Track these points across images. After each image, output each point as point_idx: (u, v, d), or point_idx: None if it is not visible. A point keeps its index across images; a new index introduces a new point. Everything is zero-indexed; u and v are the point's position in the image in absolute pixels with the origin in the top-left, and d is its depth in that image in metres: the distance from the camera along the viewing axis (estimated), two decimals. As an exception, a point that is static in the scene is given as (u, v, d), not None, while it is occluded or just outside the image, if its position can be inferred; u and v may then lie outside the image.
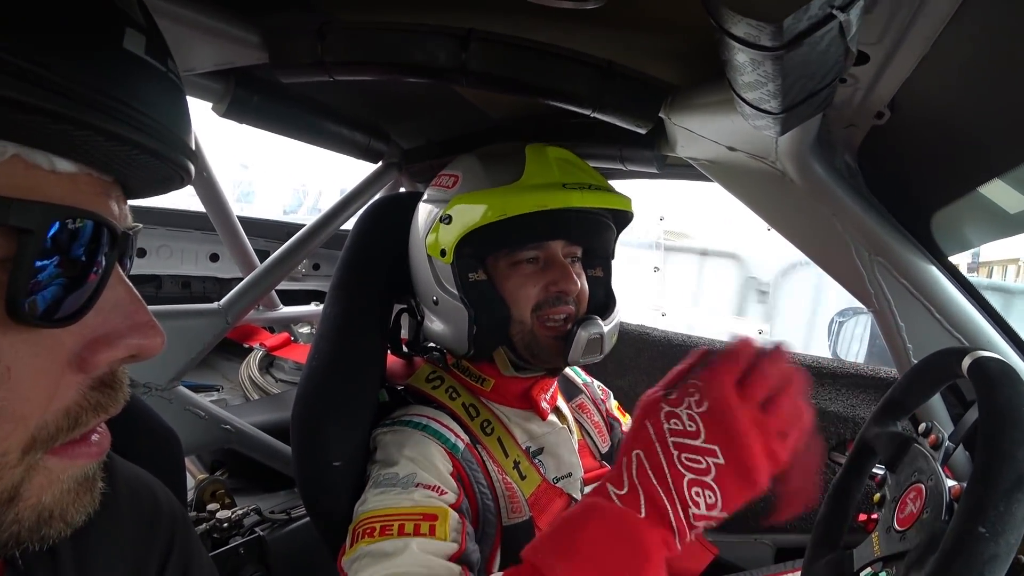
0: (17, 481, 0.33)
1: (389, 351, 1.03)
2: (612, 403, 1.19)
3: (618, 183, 1.35)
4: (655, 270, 4.47)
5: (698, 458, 0.52)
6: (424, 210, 0.96)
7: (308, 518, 1.18)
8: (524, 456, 0.93)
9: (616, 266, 1.05)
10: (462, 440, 0.87)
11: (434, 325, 0.95)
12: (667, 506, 0.52)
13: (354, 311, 0.99)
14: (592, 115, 0.89)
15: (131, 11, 0.35)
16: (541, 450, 0.96)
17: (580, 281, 0.93)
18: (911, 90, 0.69)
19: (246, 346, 2.16)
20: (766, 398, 0.55)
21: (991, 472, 0.52)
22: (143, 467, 0.57)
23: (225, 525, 1.03)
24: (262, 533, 1.06)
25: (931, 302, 0.96)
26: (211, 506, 1.07)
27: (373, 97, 1.23)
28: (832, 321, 2.69)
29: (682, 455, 0.53)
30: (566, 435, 1.01)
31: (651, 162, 1.11)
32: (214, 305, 1.13)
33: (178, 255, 2.03)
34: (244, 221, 1.44)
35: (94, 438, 0.38)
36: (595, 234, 0.96)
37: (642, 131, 0.91)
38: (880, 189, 0.94)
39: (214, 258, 2.06)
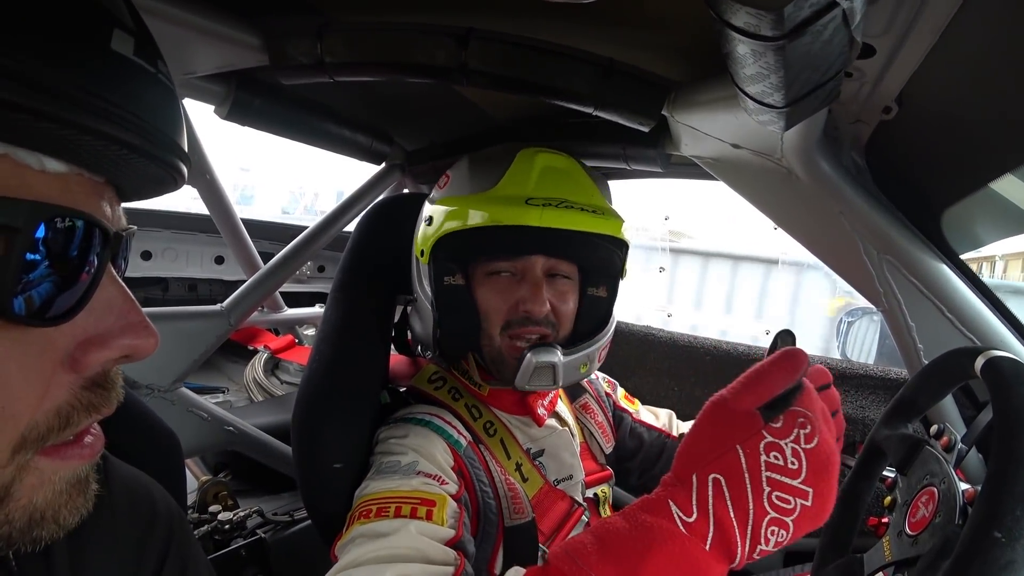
0: (8, 481, 0.33)
1: (393, 350, 1.03)
2: (620, 392, 1.18)
3: (623, 183, 1.35)
4: (660, 271, 4.45)
5: (788, 499, 0.47)
6: (422, 211, 0.97)
7: (308, 522, 1.18)
8: (526, 458, 0.92)
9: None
10: (464, 437, 0.87)
11: (413, 321, 0.99)
12: (737, 543, 0.47)
13: (354, 313, 0.98)
14: (594, 114, 0.88)
15: (119, 14, 0.35)
16: (542, 452, 0.96)
17: (565, 302, 0.89)
18: (919, 84, 0.68)
19: (251, 348, 2.17)
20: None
21: (1007, 476, 0.51)
22: (142, 469, 0.57)
23: (227, 527, 1.03)
24: (264, 535, 1.05)
25: (942, 301, 0.95)
26: (213, 508, 1.06)
27: (375, 99, 1.23)
28: (841, 321, 2.66)
29: (774, 493, 0.47)
30: (567, 437, 1.00)
31: (655, 161, 1.10)
32: (217, 307, 1.13)
33: (183, 258, 2.04)
34: (248, 223, 1.44)
35: (87, 439, 0.38)
36: (584, 253, 0.90)
37: (645, 129, 0.89)
38: (888, 186, 0.93)
39: (219, 260, 2.06)
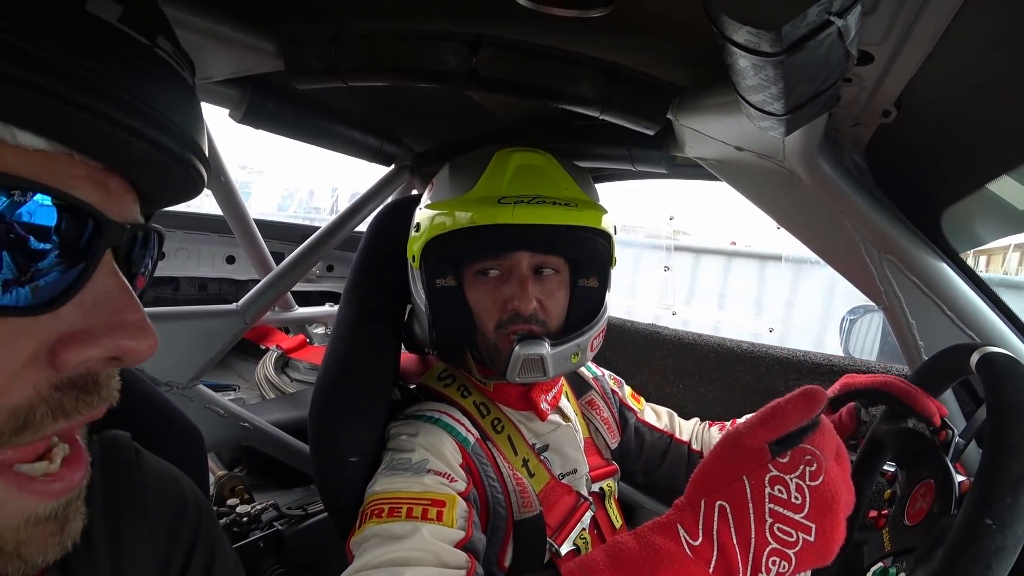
0: None
1: (403, 348, 1.06)
2: (626, 391, 1.20)
3: (627, 183, 1.37)
4: (665, 269, 4.48)
5: (791, 531, 0.49)
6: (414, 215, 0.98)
7: (324, 514, 1.21)
8: (532, 453, 0.94)
9: (626, 266, 1.05)
10: (472, 434, 0.89)
11: (413, 324, 1.01)
12: (739, 569, 0.50)
13: (368, 312, 1.01)
14: (600, 117, 0.90)
15: None
16: (547, 447, 0.98)
17: (551, 298, 0.90)
18: (917, 88, 0.70)
19: (262, 347, 2.20)
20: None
21: (998, 465, 0.52)
22: (169, 462, 0.59)
23: (245, 519, 1.06)
24: (280, 527, 1.08)
25: (942, 299, 0.96)
26: (231, 501, 1.09)
27: (385, 102, 1.25)
28: (843, 319, 2.68)
29: (776, 525, 0.49)
30: (571, 433, 1.02)
31: (660, 162, 1.12)
32: (232, 306, 1.16)
33: (195, 257, 2.07)
34: (259, 224, 1.47)
35: (66, 476, 0.34)
36: (566, 245, 0.90)
37: (650, 132, 0.91)
38: (889, 187, 0.95)
39: (230, 260, 2.10)
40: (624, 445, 1.14)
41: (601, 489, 1.04)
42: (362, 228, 1.34)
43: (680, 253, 4.48)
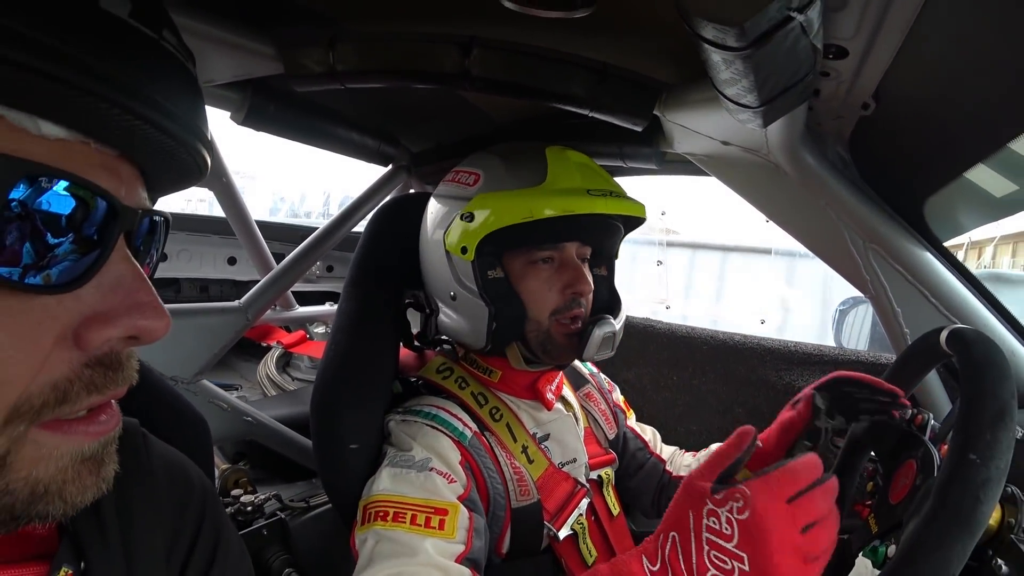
0: (3, 451, 0.33)
1: (402, 345, 1.08)
2: (617, 396, 1.23)
3: (619, 180, 1.39)
4: (658, 264, 4.51)
5: (725, 559, 0.56)
6: (437, 207, 0.98)
7: (325, 506, 1.24)
8: (532, 441, 0.97)
9: (620, 261, 1.08)
10: (470, 428, 0.91)
11: (450, 320, 0.97)
12: None
13: (368, 306, 1.04)
14: (590, 115, 0.93)
15: None
16: (547, 436, 1.00)
17: (591, 283, 0.96)
18: (893, 81, 0.72)
19: (264, 344, 2.23)
20: (809, 524, 0.56)
21: (976, 407, 0.57)
22: (176, 449, 0.61)
23: (249, 508, 1.09)
24: (284, 517, 1.11)
25: (926, 286, 0.99)
26: (235, 492, 1.12)
27: (382, 103, 1.28)
28: (836, 311, 2.74)
29: (711, 552, 0.57)
30: (571, 423, 1.05)
31: (650, 158, 1.14)
32: (235, 303, 1.18)
33: (197, 259, 2.10)
34: (260, 225, 1.49)
35: (102, 417, 0.38)
36: (607, 237, 1.00)
37: (638, 129, 0.94)
38: (873, 178, 0.97)
39: (231, 261, 2.12)
40: (618, 439, 1.17)
41: (599, 477, 1.06)
42: (359, 228, 1.38)
43: (672, 248, 4.53)
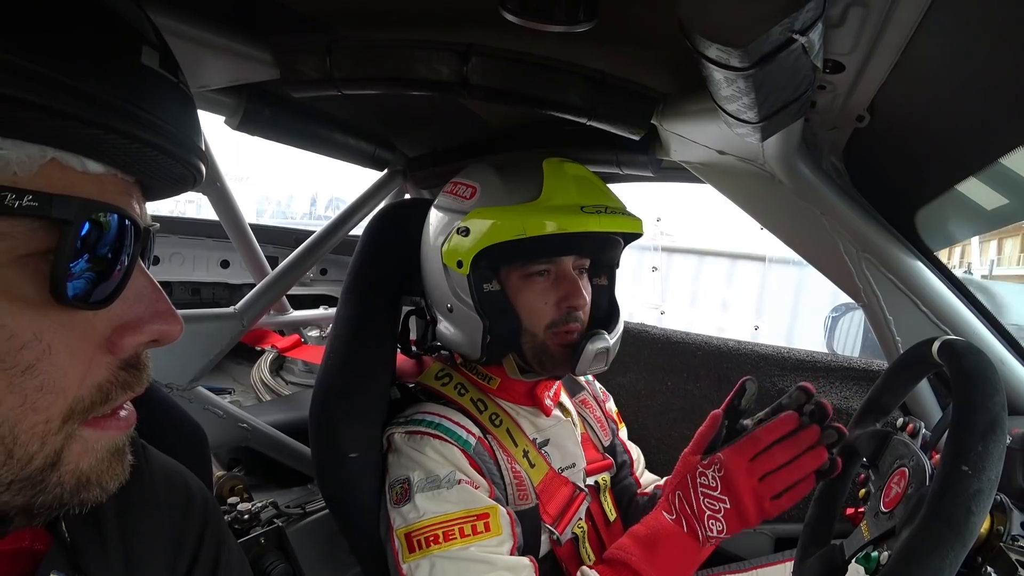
0: (59, 447, 0.38)
1: (399, 351, 1.08)
2: (611, 406, 1.24)
3: (615, 187, 1.40)
4: (653, 270, 4.54)
5: (713, 503, 0.81)
6: (437, 218, 0.98)
7: (321, 513, 1.23)
8: (532, 446, 0.97)
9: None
10: (473, 435, 0.92)
11: (448, 331, 0.98)
12: (696, 527, 0.82)
13: (366, 312, 1.04)
14: (588, 123, 0.93)
15: (145, 32, 0.39)
16: (547, 442, 1.01)
17: (588, 294, 0.97)
18: (887, 95, 0.73)
19: (258, 349, 2.22)
20: (767, 472, 0.79)
21: (968, 420, 0.58)
22: (173, 459, 0.61)
23: (246, 517, 1.08)
24: (281, 524, 1.11)
25: (917, 295, 1.00)
26: (231, 499, 1.12)
27: (378, 108, 1.28)
28: (827, 317, 2.77)
29: (705, 499, 0.82)
30: (570, 428, 1.05)
31: (646, 166, 1.15)
32: (230, 309, 1.17)
33: (190, 262, 2.08)
34: (254, 228, 1.49)
35: (122, 413, 0.42)
36: (606, 250, 1.00)
37: (635, 138, 0.95)
38: (866, 188, 0.98)
39: (224, 264, 2.11)
40: (613, 446, 1.17)
41: (596, 482, 1.07)
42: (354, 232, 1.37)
43: (667, 254, 4.56)
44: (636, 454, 1.24)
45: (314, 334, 2.20)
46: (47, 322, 0.36)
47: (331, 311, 1.81)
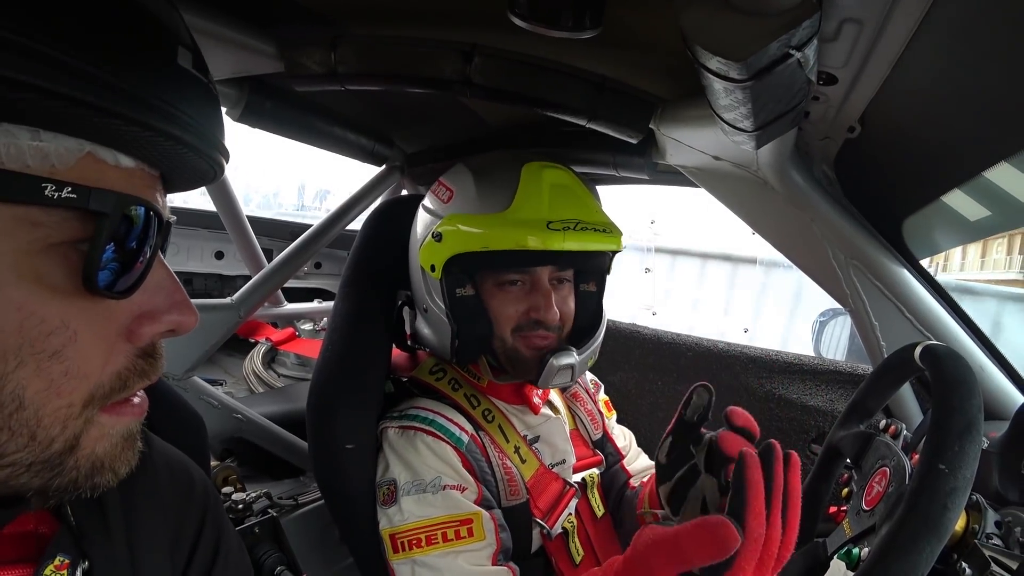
0: (78, 432, 0.39)
1: (395, 345, 1.09)
2: (601, 396, 1.25)
3: (611, 188, 1.42)
4: (646, 271, 4.58)
5: None
6: (421, 219, 0.99)
7: (314, 504, 1.24)
8: (523, 442, 0.99)
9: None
10: (466, 432, 0.93)
11: (423, 330, 1.01)
12: None
13: (363, 306, 1.05)
14: (587, 125, 0.95)
15: (181, 33, 0.41)
16: (537, 438, 1.03)
17: (567, 304, 0.96)
18: (878, 108, 0.76)
19: (252, 340, 2.21)
20: None
21: (945, 421, 0.61)
22: (174, 446, 0.62)
23: (240, 507, 1.09)
24: (275, 514, 1.12)
25: (902, 302, 1.03)
26: (225, 490, 1.12)
27: (378, 104, 1.28)
28: (815, 321, 2.83)
29: None
30: (560, 424, 1.07)
31: (642, 168, 1.17)
32: (227, 300, 1.18)
33: (184, 252, 2.07)
34: (250, 220, 1.49)
35: (135, 400, 0.44)
36: (586, 261, 0.97)
37: (633, 141, 0.97)
38: (856, 197, 1.01)
39: (219, 256, 2.10)
40: (599, 442, 1.19)
41: (584, 479, 1.08)
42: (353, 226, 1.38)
43: (660, 255, 4.61)
44: (626, 440, 1.25)
45: (307, 327, 2.20)
46: (74, 310, 0.37)
47: (325, 305, 1.82)
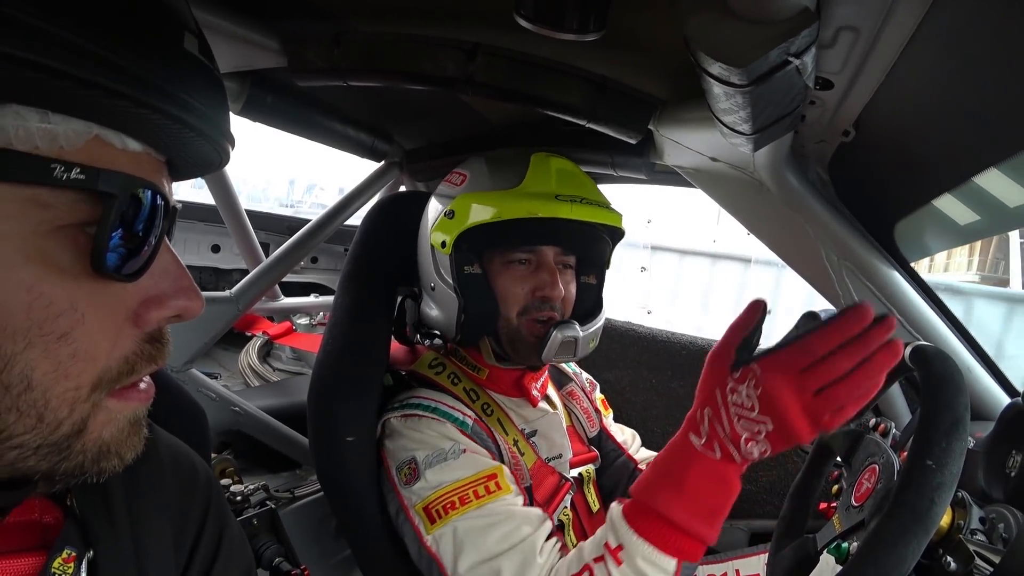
0: (85, 415, 0.39)
1: (395, 339, 1.10)
2: (597, 395, 1.27)
3: (607, 187, 1.43)
4: (642, 270, 4.61)
5: (752, 424, 0.65)
6: (432, 206, 1.03)
7: (311, 497, 1.25)
8: (521, 436, 1.01)
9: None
10: (469, 417, 0.95)
11: (430, 310, 1.03)
12: (731, 451, 0.67)
13: (363, 301, 1.06)
14: (587, 125, 0.96)
15: (187, 19, 0.41)
16: (535, 432, 1.04)
17: (569, 288, 0.99)
18: (872, 113, 0.78)
19: (248, 334, 2.21)
20: (825, 384, 0.62)
21: (934, 418, 0.63)
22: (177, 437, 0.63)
23: (238, 498, 1.10)
24: (273, 506, 1.13)
25: (893, 303, 1.05)
26: (224, 481, 1.13)
27: (379, 99, 1.29)
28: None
29: (741, 420, 0.66)
30: (557, 420, 1.09)
31: (640, 168, 1.18)
32: (226, 293, 1.19)
33: (181, 245, 2.07)
34: (247, 214, 1.48)
35: (142, 386, 0.44)
36: (589, 245, 1.02)
37: (632, 141, 0.98)
38: (849, 199, 1.03)
39: (215, 249, 2.10)
40: (595, 439, 1.21)
41: (580, 475, 1.10)
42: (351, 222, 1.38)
43: (655, 253, 4.66)
44: (628, 436, 1.27)
45: (303, 321, 2.20)
46: (82, 292, 0.37)
47: (322, 299, 1.82)
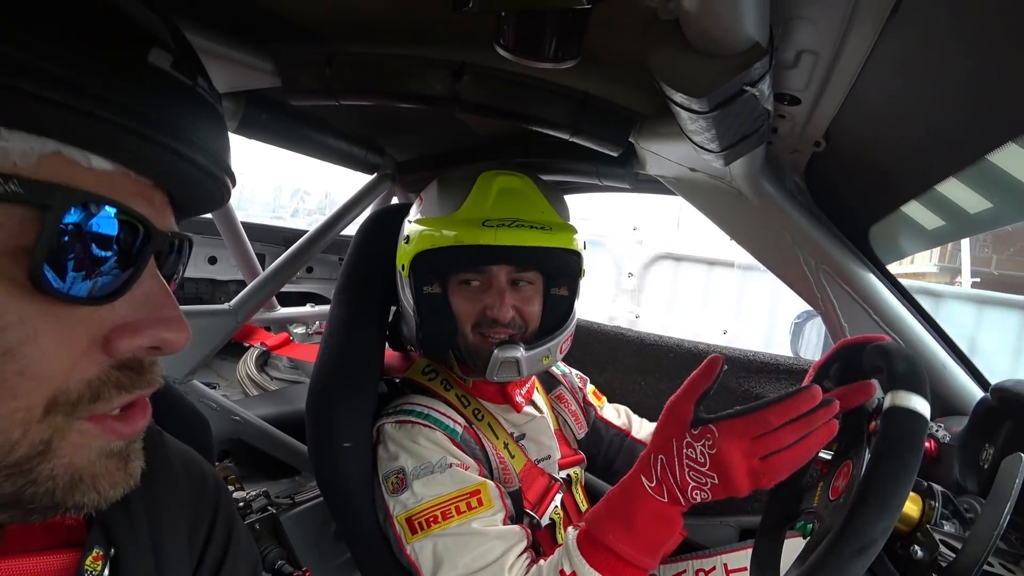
0: (46, 437, 0.37)
1: (388, 346, 1.14)
2: (589, 388, 1.31)
3: (599, 196, 1.47)
4: (629, 276, 4.66)
5: (700, 477, 0.75)
6: (403, 227, 1.06)
7: (310, 503, 1.28)
8: (511, 439, 1.04)
9: (593, 272, 1.15)
10: (460, 424, 0.98)
11: (401, 325, 1.09)
12: (678, 496, 0.77)
13: (358, 312, 1.09)
14: (570, 139, 1.00)
15: (159, 33, 0.39)
16: (523, 436, 1.08)
17: (528, 305, 1.00)
18: (840, 125, 0.82)
19: (246, 345, 2.24)
20: (771, 452, 0.72)
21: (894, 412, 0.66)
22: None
23: (240, 504, 1.13)
24: (274, 511, 1.16)
25: (869, 305, 1.09)
26: (226, 488, 1.16)
27: (370, 114, 1.33)
28: (792, 323, 2.93)
29: (690, 472, 0.76)
30: (544, 423, 1.12)
31: (624, 178, 1.22)
32: (225, 306, 1.22)
33: (177, 257, 2.08)
34: (244, 227, 1.52)
35: (135, 418, 0.41)
36: (542, 261, 0.99)
37: (614, 154, 1.02)
38: (825, 205, 1.07)
39: (212, 261, 2.12)
40: (586, 437, 1.25)
41: (568, 476, 1.14)
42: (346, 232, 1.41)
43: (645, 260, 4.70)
44: (624, 416, 1.31)
45: (300, 331, 2.23)
46: (34, 308, 0.35)
47: (318, 309, 1.86)
